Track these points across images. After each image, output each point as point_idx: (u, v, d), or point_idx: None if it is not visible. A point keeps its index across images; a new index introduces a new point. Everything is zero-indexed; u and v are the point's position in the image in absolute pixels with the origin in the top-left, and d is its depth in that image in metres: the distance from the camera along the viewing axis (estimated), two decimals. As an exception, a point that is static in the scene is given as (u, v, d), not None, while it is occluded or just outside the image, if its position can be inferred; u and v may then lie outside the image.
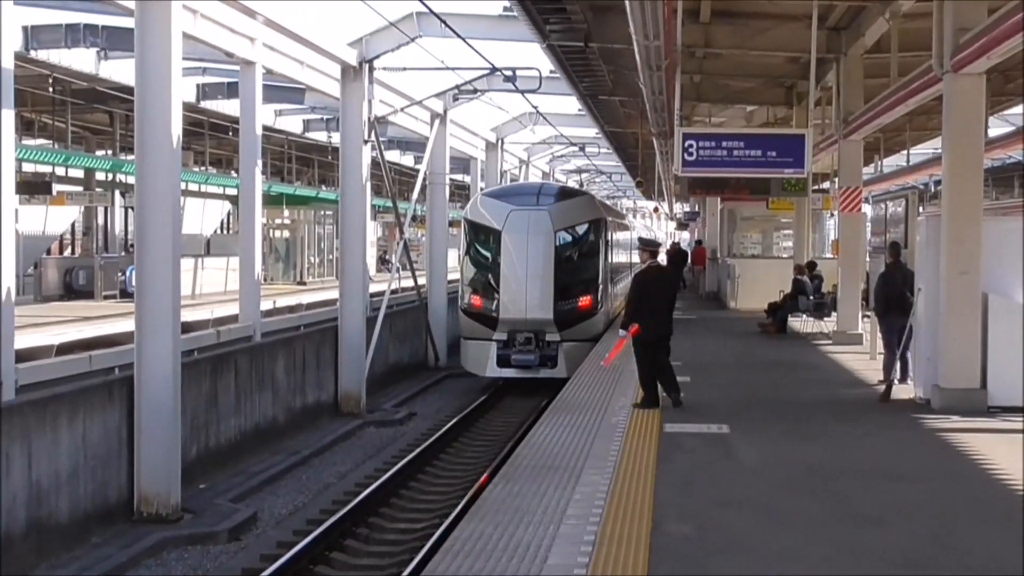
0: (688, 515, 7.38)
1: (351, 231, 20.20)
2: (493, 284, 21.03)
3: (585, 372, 15.30)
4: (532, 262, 20.74)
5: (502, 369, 20.92)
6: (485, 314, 21.00)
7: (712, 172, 15.11)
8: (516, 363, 20.75)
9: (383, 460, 16.06)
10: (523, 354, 20.71)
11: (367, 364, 20.18)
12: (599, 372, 15.08)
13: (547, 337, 20.75)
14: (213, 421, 14.88)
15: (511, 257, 20.83)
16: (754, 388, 13.84)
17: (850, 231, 19.08)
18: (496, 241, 21.08)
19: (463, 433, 17.92)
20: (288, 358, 17.59)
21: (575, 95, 25.81)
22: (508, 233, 20.93)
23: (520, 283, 20.76)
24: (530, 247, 20.82)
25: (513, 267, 20.81)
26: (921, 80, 13.15)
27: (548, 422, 11.15)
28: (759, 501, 7.85)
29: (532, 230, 20.91)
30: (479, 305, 21.17)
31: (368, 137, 20.21)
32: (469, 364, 21.71)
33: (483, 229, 21.52)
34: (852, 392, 13.54)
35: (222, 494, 13.72)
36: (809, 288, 20.86)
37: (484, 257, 21.63)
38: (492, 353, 20.89)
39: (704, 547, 6.67)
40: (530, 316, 20.67)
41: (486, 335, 20.98)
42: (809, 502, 7.83)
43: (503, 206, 21.40)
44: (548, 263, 20.79)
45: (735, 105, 24.33)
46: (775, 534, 6.99)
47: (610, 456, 9.33)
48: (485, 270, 21.47)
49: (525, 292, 20.70)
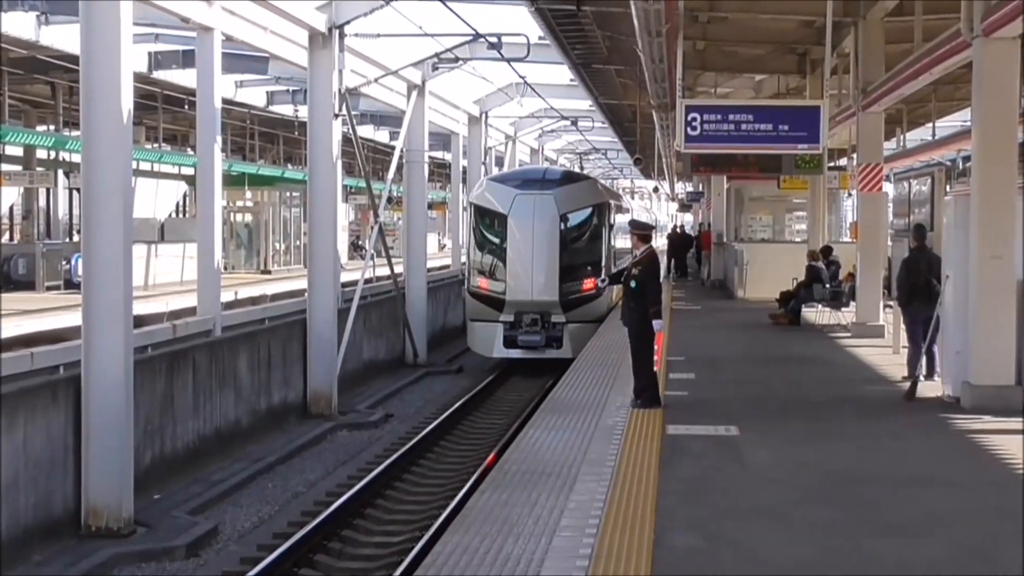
0: (694, 526, 7.37)
1: (320, 214, 20.21)
2: (499, 267, 23.47)
3: (578, 369, 15.35)
4: (537, 245, 23.10)
5: (508, 350, 23.29)
6: (492, 296, 23.37)
7: (718, 148, 15.12)
8: (522, 344, 23.10)
9: (357, 466, 16.06)
10: (529, 335, 23.06)
11: (339, 361, 20.22)
12: (594, 369, 15.09)
13: (552, 318, 23.13)
14: (169, 424, 14.85)
15: (517, 240, 23.21)
16: (766, 385, 13.85)
17: (870, 212, 19.10)
18: (502, 225, 23.51)
19: (445, 436, 17.99)
20: (252, 354, 17.59)
21: (566, 64, 25.80)
22: (514, 217, 23.27)
23: (526, 266, 23.07)
24: (535, 230, 23.16)
25: (519, 250, 23.16)
26: (948, 46, 13.14)
27: (539, 423, 11.17)
28: (773, 510, 7.85)
29: (537, 214, 23.24)
30: (485, 287, 23.58)
31: (339, 111, 20.21)
32: (476, 345, 24.22)
33: (489, 213, 23.95)
34: (873, 390, 13.55)
35: (179, 505, 13.70)
36: (825, 275, 20.92)
37: (490, 240, 24.09)
38: (499, 334, 23.28)
39: (712, 561, 6.66)
40: (536, 298, 23.04)
41: (492, 317, 23.31)
42: (828, 510, 7.83)
43: (508, 190, 23.73)
44: (553, 246, 23.14)
45: (743, 74, 24.35)
46: (791, 546, 6.99)
47: (607, 461, 9.33)
48: (491, 253, 23.88)
49: (531, 274, 23.03)
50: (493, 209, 23.83)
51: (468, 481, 14.08)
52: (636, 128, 32.64)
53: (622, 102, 31.69)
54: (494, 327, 23.35)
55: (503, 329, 23.25)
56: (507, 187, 23.98)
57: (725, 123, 14.59)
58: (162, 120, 32.40)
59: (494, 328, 23.36)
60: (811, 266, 21.18)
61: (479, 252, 24.20)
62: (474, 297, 23.92)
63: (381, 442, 17.82)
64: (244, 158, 40.83)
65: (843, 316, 20.30)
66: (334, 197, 20.44)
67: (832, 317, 20.57)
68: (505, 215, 23.39)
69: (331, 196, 20.26)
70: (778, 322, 20.95)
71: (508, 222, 23.31)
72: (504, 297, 23.16)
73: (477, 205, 24.41)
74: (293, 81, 29.54)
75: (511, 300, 23.10)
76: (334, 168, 20.35)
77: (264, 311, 20.06)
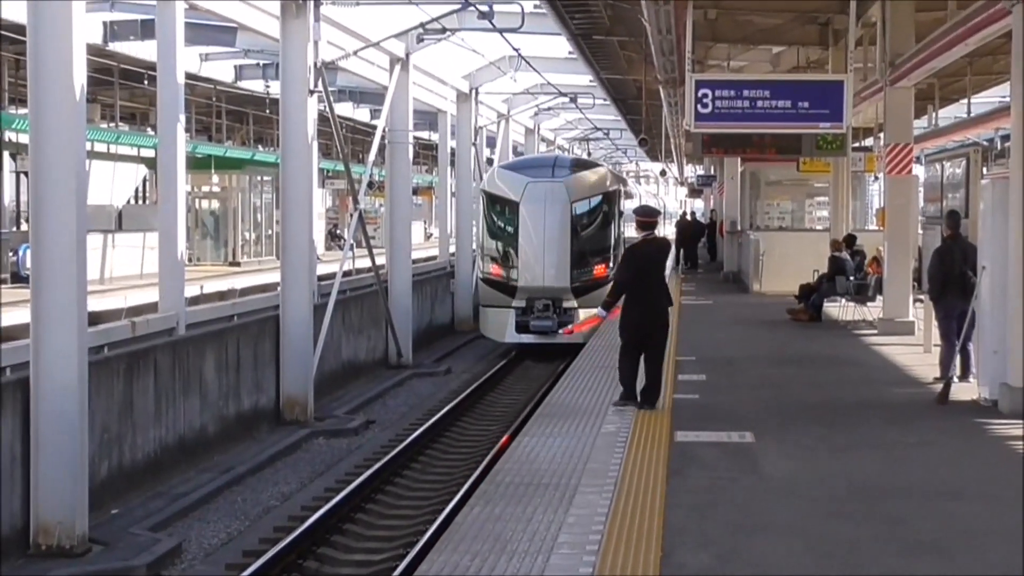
0: (705, 543, 7.38)
1: (294, 201, 20.23)
2: (511, 254, 26.14)
3: (578, 371, 15.40)
4: (549, 232, 25.69)
5: (520, 335, 25.87)
6: (504, 283, 26.12)
7: (731, 127, 15.16)
8: (535, 329, 25.56)
9: (335, 478, 16.08)
10: (541, 320, 25.53)
11: (315, 361, 20.28)
12: (594, 370, 15.18)
13: (564, 304, 25.65)
14: (128, 432, 14.84)
15: (528, 227, 25.81)
16: (783, 388, 13.90)
17: (898, 198, 19.09)
18: (514, 212, 26.12)
19: (431, 444, 18.05)
20: (219, 355, 17.62)
21: (564, 35, 25.75)
22: (525, 204, 25.88)
23: (537, 252, 25.68)
24: (547, 218, 25.76)
25: (530, 237, 25.78)
26: (985, 13, 13.14)
27: (535, 430, 11.20)
28: (792, 525, 7.86)
29: (549, 201, 25.88)
30: (498, 274, 26.36)
31: (314, 87, 20.21)
32: (488, 331, 26.99)
33: (501, 200, 26.70)
34: (902, 392, 13.60)
35: (139, 521, 13.70)
36: (849, 267, 20.93)
37: (502, 228, 26.81)
38: (511, 320, 25.86)
39: (726, 582, 6.66)
40: (547, 284, 25.65)
41: (505, 303, 25.97)
42: (853, 527, 7.84)
43: (520, 178, 26.54)
44: (564, 233, 25.76)
45: (758, 46, 24.33)
46: (813, 566, 7.00)
47: (610, 471, 9.36)
48: (503, 240, 26.59)
49: (543, 261, 25.64)
50: (505, 196, 26.49)
51: (457, 494, 14.09)
52: (641, 106, 32.53)
53: (626, 77, 31.70)
54: (506, 313, 25.86)
55: (515, 315, 25.70)
56: (519, 175, 26.80)
57: (739, 100, 14.68)
58: (119, 97, 32.32)
59: (506, 314, 25.85)
60: (834, 257, 21.15)
61: (491, 239, 26.91)
62: (486, 283, 26.63)
63: (361, 451, 17.83)
64: (210, 139, 40.71)
65: (869, 311, 20.30)
66: (309, 182, 20.45)
67: (857, 312, 20.60)
68: (517, 202, 25.94)
69: (306, 181, 20.27)
70: (797, 318, 21.01)
71: (520, 209, 25.85)
72: (516, 283, 25.75)
73: (489, 192, 27.13)
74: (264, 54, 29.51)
75: (523, 286, 25.67)
76: (309, 150, 20.36)
77: (233, 307, 19.97)
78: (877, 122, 25.05)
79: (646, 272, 12.13)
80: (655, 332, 12.12)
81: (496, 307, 26.23)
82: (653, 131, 39.72)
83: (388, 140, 26.79)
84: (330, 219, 50.61)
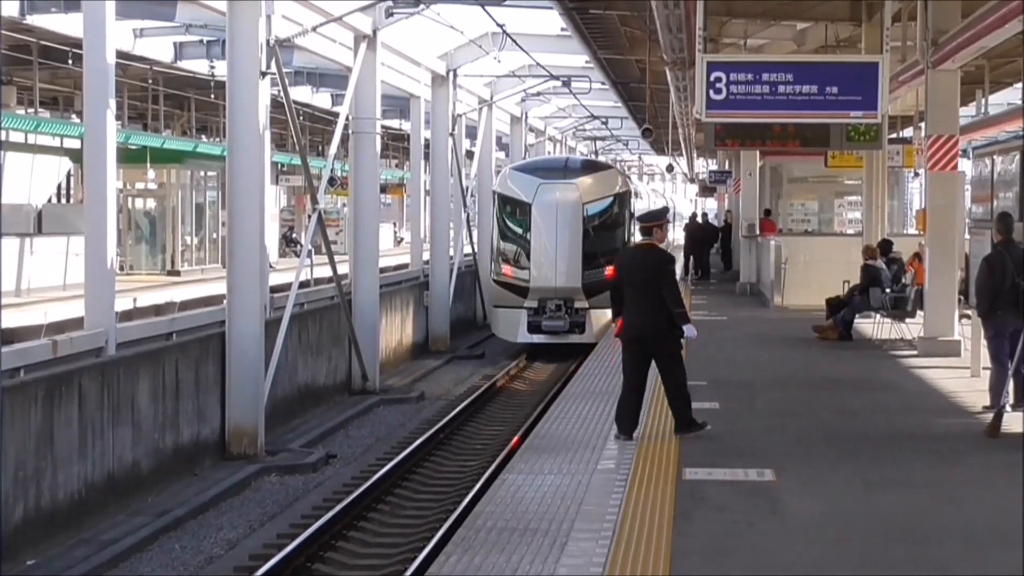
0: (720, 598, 7.40)
1: (243, 200, 20.15)
2: (524, 254, 30.35)
3: (571, 396, 15.54)
4: (561, 233, 29.80)
5: (532, 335, 29.97)
6: (516, 283, 30.19)
7: (748, 116, 15.25)
8: (547, 329, 29.67)
9: (289, 522, 15.97)
10: (553, 320, 29.63)
11: (267, 386, 20.17)
12: (589, 396, 15.33)
13: (576, 304, 29.71)
14: (47, 469, 14.75)
15: (540, 228, 30.03)
16: (809, 417, 13.93)
17: (942, 197, 19.10)
18: (525, 213, 30.42)
19: (402, 483, 17.99)
20: (155, 379, 17.51)
21: (556, 8, 25.75)
22: (538, 206, 30.11)
23: (550, 253, 29.83)
24: (559, 219, 29.91)
25: (542, 238, 29.93)
26: (1043, -16, 13.15)
27: (522, 466, 11.24)
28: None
29: (561, 202, 30.13)
30: (510, 275, 30.46)
31: (267, 68, 20.16)
32: (500, 331, 31.23)
33: (513, 202, 31.05)
34: (947, 423, 13.66)
35: (61, 573, 13.57)
36: (885, 277, 20.97)
37: (514, 229, 31.11)
38: (523, 320, 29.93)
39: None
40: (559, 284, 29.71)
41: (517, 303, 30.04)
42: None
43: (532, 180, 30.82)
44: (576, 234, 29.90)
45: (780, 22, 24.34)
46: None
47: (608, 514, 9.39)
48: (515, 241, 30.86)
49: (555, 262, 29.76)
50: (517, 198, 30.81)
51: (431, 540, 14.05)
52: (645, 91, 32.49)
53: (627, 57, 31.80)
54: (518, 313, 29.98)
55: (527, 315, 29.80)
56: (531, 176, 31.09)
57: (758, 84, 14.69)
58: (39, 79, 32.27)
59: (518, 314, 29.95)
60: (867, 266, 21.19)
61: (503, 240, 31.21)
62: (499, 284, 30.89)
63: (320, 490, 17.76)
64: (146, 128, 40.62)
65: (908, 329, 20.34)
66: (261, 178, 20.33)
67: (894, 330, 20.62)
68: (529, 204, 30.17)
69: (257, 177, 20.18)
70: (825, 337, 21.07)
71: (532, 211, 30.07)
72: (528, 284, 29.85)
73: (501, 194, 31.50)
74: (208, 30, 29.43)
75: (535, 287, 29.78)
76: (261, 141, 20.24)
77: (171, 323, 19.87)
78: (917, 110, 25.02)
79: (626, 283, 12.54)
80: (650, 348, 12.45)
81: (508, 307, 30.28)
82: (658, 120, 39.75)
83: (352, 130, 26.61)
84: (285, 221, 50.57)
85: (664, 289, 12.26)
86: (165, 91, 38.41)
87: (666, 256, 12.62)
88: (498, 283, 31.05)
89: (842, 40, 23.44)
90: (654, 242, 12.58)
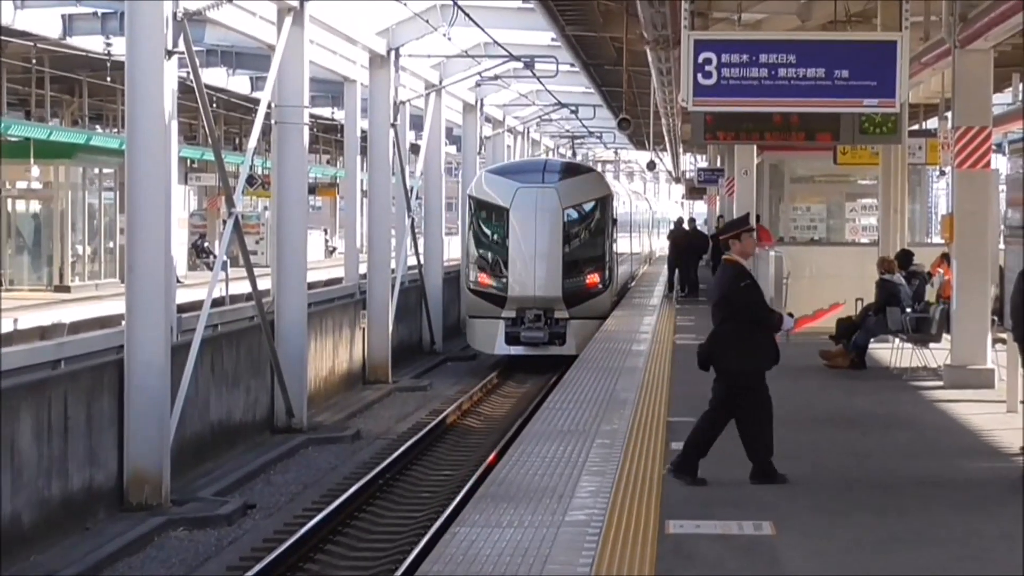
0: None
1: (146, 202, 20.26)
2: (501, 262, 33.48)
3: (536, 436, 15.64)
4: (540, 240, 32.99)
5: (511, 347, 33.02)
6: (493, 292, 33.25)
7: (743, 104, 15.51)
8: (525, 340, 32.70)
9: (196, 588, 16.18)
10: (532, 331, 32.59)
11: (173, 424, 20.21)
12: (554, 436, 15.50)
13: (556, 314, 32.78)
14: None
15: (518, 235, 33.10)
16: (815, 459, 14.17)
17: (972, 200, 19.18)
18: (502, 219, 33.64)
19: (333, 538, 18.15)
20: (38, 415, 17.58)
21: (517, -23, 25.72)
22: (515, 211, 33.27)
23: (528, 261, 32.86)
24: (538, 225, 33.06)
25: (520, 245, 33.06)
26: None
27: (475, 517, 11.37)
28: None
29: (540, 207, 33.19)
30: (486, 284, 33.51)
31: (174, 46, 20.24)
32: (477, 343, 34.47)
33: (489, 207, 34.36)
34: (978, 466, 13.93)
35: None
36: (905, 294, 21.10)
37: (490, 235, 34.31)
38: (500, 331, 32.96)
39: None
40: (538, 294, 32.85)
41: (494, 313, 33.06)
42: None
43: (509, 183, 34.03)
44: (556, 241, 33.18)
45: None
46: None
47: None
48: (492, 248, 34.08)
49: (533, 270, 32.81)
50: (493, 203, 34.14)
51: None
52: (622, 74, 32.93)
53: (601, 35, 31.95)
54: (495, 324, 32.99)
55: (504, 325, 32.82)
56: (508, 179, 34.35)
57: (754, 67, 14.97)
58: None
59: (495, 325, 32.94)
60: (883, 281, 21.35)
61: (478, 248, 34.39)
62: (474, 294, 33.82)
63: (236, 547, 17.87)
64: (28, 116, 40.73)
65: (932, 356, 20.51)
66: (167, 176, 20.39)
67: (915, 357, 20.75)
68: (506, 209, 33.40)
69: (162, 175, 20.24)
70: (834, 364, 21.28)
71: (509, 216, 33.31)
72: (506, 293, 33.00)
73: (476, 198, 34.72)
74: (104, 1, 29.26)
75: (513, 296, 32.94)
76: (167, 132, 20.31)
77: (59, 349, 19.97)
78: (943, 97, 25.17)
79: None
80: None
81: (485, 318, 33.41)
82: (638, 109, 40.14)
83: (275, 119, 26.74)
84: (195, 227, 50.81)
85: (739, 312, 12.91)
86: (52, 73, 39.01)
87: (734, 272, 12.77)
88: (474, 292, 33.98)
89: (854, 15, 23.32)
90: (734, 257, 12.89)
